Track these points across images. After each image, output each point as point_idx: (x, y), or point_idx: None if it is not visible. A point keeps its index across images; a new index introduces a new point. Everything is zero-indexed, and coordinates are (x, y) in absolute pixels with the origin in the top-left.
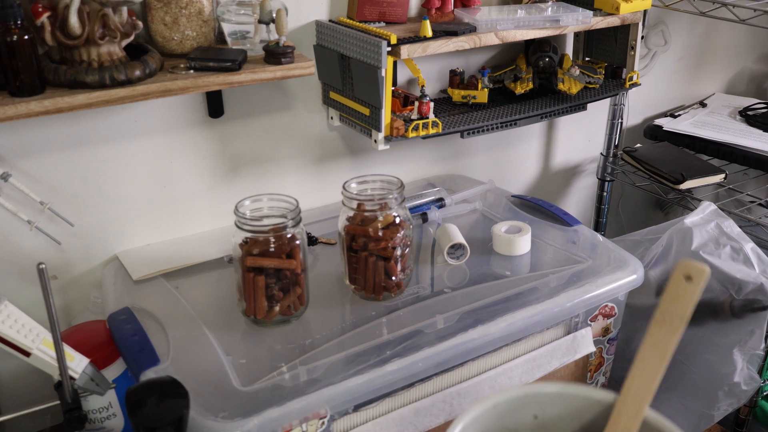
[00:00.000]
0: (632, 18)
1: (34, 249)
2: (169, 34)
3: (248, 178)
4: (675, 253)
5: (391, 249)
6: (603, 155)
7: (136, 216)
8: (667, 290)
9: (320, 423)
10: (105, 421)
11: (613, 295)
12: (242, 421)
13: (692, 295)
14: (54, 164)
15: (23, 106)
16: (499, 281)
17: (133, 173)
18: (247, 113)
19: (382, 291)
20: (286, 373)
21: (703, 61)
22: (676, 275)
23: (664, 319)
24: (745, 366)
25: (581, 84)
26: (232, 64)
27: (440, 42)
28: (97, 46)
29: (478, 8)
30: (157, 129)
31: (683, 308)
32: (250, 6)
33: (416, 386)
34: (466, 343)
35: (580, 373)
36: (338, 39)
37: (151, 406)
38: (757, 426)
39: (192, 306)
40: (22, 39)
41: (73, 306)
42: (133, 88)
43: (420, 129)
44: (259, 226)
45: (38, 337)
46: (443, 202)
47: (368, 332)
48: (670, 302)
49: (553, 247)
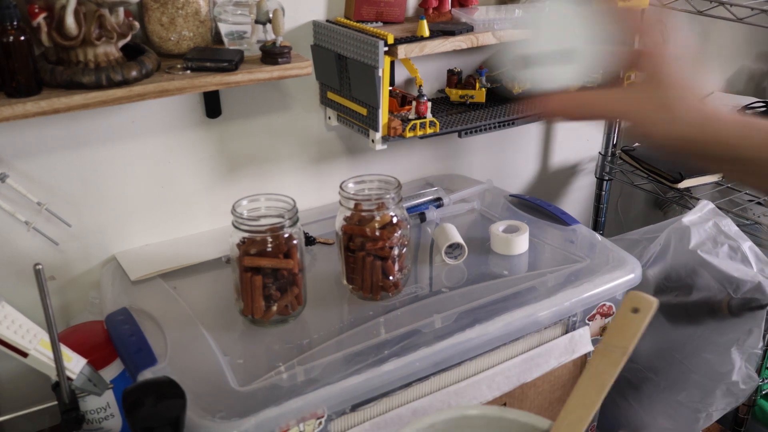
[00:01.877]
0: None
1: (31, 249)
2: (166, 34)
3: (246, 179)
4: (673, 251)
5: (388, 249)
6: (601, 154)
7: (134, 216)
8: (612, 321)
9: (317, 423)
10: (103, 422)
11: (611, 294)
12: (239, 421)
13: (637, 327)
14: (51, 165)
15: (20, 106)
16: (497, 281)
17: (130, 174)
18: (245, 113)
19: (379, 291)
20: (283, 373)
21: (702, 60)
22: (623, 306)
23: (606, 350)
24: (744, 365)
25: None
26: (229, 64)
27: (437, 42)
28: (94, 46)
29: (476, 8)
30: (154, 129)
31: (626, 341)
32: (246, 6)
33: (414, 386)
34: (463, 342)
35: (577, 372)
36: (335, 39)
37: (149, 407)
38: (756, 425)
39: (189, 306)
40: (18, 40)
41: (71, 306)
42: (130, 88)
43: (417, 129)
44: (256, 226)
45: (35, 338)
46: (441, 201)
47: (366, 332)
48: (613, 334)
49: (551, 246)
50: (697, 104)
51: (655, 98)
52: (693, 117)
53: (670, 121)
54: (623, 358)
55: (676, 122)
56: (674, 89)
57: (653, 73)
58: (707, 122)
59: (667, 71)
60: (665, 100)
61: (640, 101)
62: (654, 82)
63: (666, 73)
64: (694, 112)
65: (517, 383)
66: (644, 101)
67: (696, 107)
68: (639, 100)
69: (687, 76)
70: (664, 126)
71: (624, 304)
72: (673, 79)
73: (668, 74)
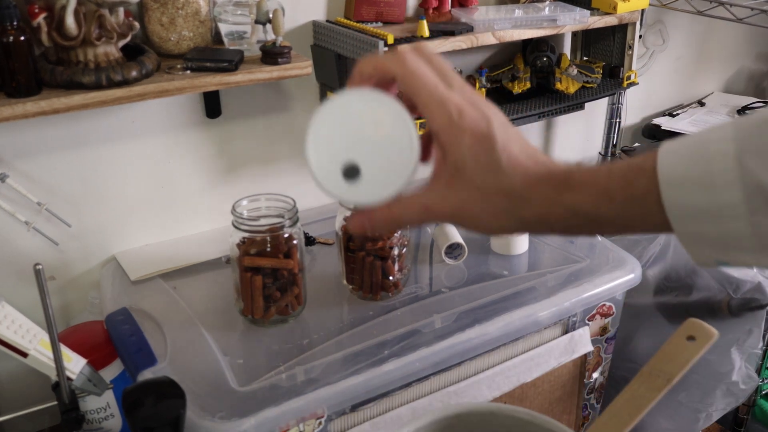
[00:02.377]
0: (630, 17)
1: (31, 250)
2: (166, 34)
3: (246, 179)
4: (673, 251)
5: (388, 249)
6: (601, 155)
7: (134, 216)
8: (663, 346)
9: (317, 423)
10: (103, 422)
11: (611, 294)
12: (239, 421)
13: (689, 356)
14: (51, 165)
15: (20, 106)
16: (496, 281)
17: (130, 174)
18: (245, 114)
19: (379, 291)
20: (283, 373)
21: (702, 60)
22: (678, 333)
23: (650, 374)
24: (744, 365)
25: (579, 83)
26: (229, 64)
27: (437, 42)
28: (94, 46)
29: (476, 8)
30: (154, 130)
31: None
32: (246, 6)
33: (414, 386)
34: (463, 342)
35: (577, 372)
36: (335, 39)
37: (149, 407)
38: (756, 425)
39: (189, 306)
40: (18, 40)
41: (71, 306)
42: (130, 88)
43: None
44: (256, 225)
45: (35, 338)
46: None
47: (366, 332)
48: (661, 359)
49: (551, 246)
50: (529, 172)
51: (475, 188)
52: (534, 191)
53: (509, 206)
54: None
55: (516, 206)
56: (480, 168)
57: (453, 161)
58: (555, 193)
59: (460, 151)
60: (489, 186)
61: (459, 199)
62: (459, 171)
63: (462, 154)
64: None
65: (517, 383)
66: (465, 196)
67: (531, 177)
68: (457, 196)
69: (483, 146)
70: (502, 216)
71: (679, 331)
72: (472, 156)
73: (464, 153)
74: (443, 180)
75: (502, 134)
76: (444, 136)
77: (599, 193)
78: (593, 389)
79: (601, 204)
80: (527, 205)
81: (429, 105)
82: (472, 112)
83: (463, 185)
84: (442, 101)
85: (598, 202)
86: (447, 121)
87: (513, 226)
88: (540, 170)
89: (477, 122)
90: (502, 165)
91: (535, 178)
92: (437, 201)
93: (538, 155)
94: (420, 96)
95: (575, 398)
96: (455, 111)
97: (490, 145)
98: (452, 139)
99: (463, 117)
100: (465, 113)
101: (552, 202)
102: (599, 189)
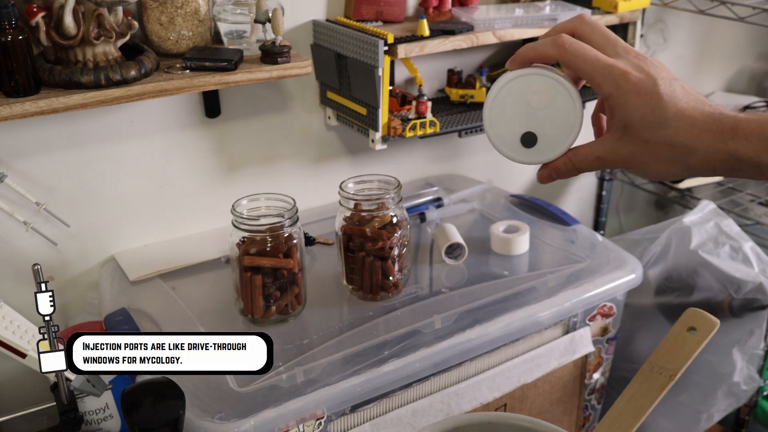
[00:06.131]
0: (631, 16)
1: (30, 250)
2: (165, 33)
3: (245, 178)
4: (674, 252)
5: (388, 249)
6: None
7: (133, 216)
8: (663, 340)
9: (317, 424)
10: (101, 423)
11: (611, 294)
12: (239, 422)
13: (691, 349)
14: (50, 165)
15: (18, 106)
16: (497, 281)
17: (129, 173)
18: (244, 113)
19: (379, 291)
20: (283, 374)
21: (703, 59)
22: (678, 324)
23: (651, 371)
24: (745, 365)
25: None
26: (229, 63)
27: (437, 41)
28: (93, 46)
29: (476, 7)
30: (153, 129)
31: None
32: (246, 5)
33: (414, 386)
34: (464, 343)
35: (578, 373)
36: (335, 38)
37: (147, 408)
38: (758, 426)
39: (189, 306)
40: (16, 39)
41: (69, 307)
42: (129, 88)
43: (417, 128)
44: (256, 225)
45: (34, 339)
46: (441, 201)
47: (366, 332)
48: (662, 354)
49: (552, 246)
50: (691, 126)
51: (646, 145)
52: (700, 142)
53: (678, 158)
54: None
55: (683, 157)
56: (648, 125)
57: (621, 119)
58: (721, 142)
59: (627, 111)
60: (656, 144)
61: (629, 151)
62: (628, 127)
63: (629, 114)
64: (698, 134)
65: (518, 384)
66: (634, 148)
67: (693, 130)
68: (627, 149)
69: (653, 101)
70: (674, 164)
71: (679, 322)
72: (639, 115)
73: (632, 113)
74: (614, 135)
75: (668, 91)
76: (611, 100)
77: (763, 142)
78: (594, 390)
79: (763, 153)
80: (693, 154)
81: (594, 77)
82: (636, 74)
83: (632, 140)
84: (605, 71)
85: (760, 151)
86: (613, 87)
87: (680, 172)
88: (707, 120)
89: (642, 83)
90: (669, 119)
91: (701, 128)
92: (609, 153)
93: (705, 105)
94: (584, 72)
95: (576, 399)
96: (620, 76)
97: (656, 102)
98: (620, 101)
99: (628, 80)
100: (629, 77)
101: (717, 150)
102: (764, 138)
